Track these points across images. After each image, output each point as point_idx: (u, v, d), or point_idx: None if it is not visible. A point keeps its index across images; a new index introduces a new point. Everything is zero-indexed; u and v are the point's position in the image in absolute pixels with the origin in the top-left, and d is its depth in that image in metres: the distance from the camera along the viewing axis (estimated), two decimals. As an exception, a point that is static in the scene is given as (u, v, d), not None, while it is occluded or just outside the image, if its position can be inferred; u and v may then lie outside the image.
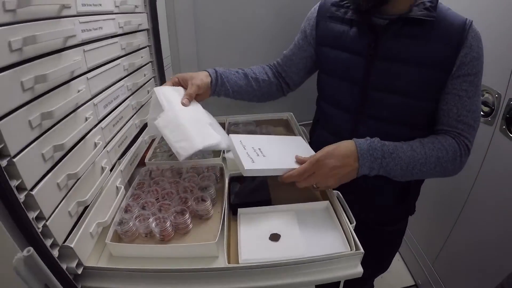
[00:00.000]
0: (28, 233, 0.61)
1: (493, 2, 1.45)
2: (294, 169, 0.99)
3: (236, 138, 1.11)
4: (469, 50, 0.96)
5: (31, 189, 0.64)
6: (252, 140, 1.13)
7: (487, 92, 1.51)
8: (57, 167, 0.72)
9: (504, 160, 1.44)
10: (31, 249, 0.58)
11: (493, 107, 1.48)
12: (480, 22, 1.40)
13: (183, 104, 1.09)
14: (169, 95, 1.08)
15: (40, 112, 0.67)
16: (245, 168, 0.95)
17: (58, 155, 0.73)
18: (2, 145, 0.58)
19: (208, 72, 1.23)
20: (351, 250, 0.84)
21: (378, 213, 1.25)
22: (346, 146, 0.99)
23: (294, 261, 0.79)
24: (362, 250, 0.82)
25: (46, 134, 0.70)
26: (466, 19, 0.98)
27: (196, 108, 1.15)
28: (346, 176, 0.98)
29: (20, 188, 0.62)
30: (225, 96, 1.29)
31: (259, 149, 1.08)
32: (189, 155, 0.94)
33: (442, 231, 1.89)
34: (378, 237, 1.27)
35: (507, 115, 1.40)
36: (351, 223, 0.90)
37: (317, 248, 0.85)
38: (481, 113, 1.51)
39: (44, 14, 0.71)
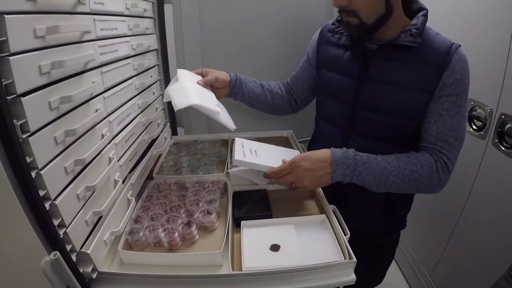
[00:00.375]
0: (53, 239, 0.68)
1: (483, 21, 1.52)
2: None
3: (239, 140, 1.28)
4: (452, 72, 1.03)
5: (55, 199, 0.70)
6: (252, 144, 1.28)
7: (479, 107, 1.57)
8: (77, 179, 0.79)
9: (497, 172, 1.49)
10: (58, 253, 0.65)
11: (485, 122, 1.54)
12: (471, 41, 1.49)
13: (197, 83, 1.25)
14: (188, 75, 1.24)
15: (64, 129, 0.74)
16: (235, 158, 1.12)
17: (78, 168, 0.80)
18: (31, 159, 0.64)
19: (229, 74, 1.39)
20: (344, 259, 0.89)
21: (370, 225, 1.31)
22: (321, 152, 1.10)
23: (292, 269, 0.85)
24: (354, 259, 0.88)
25: (68, 149, 0.76)
26: (453, 43, 1.05)
27: (209, 92, 1.27)
28: (320, 179, 1.08)
29: (45, 198, 0.68)
30: (240, 100, 1.41)
31: (255, 150, 1.22)
32: (184, 106, 1.05)
33: (439, 242, 1.93)
34: (371, 249, 1.32)
35: (499, 129, 1.46)
36: (345, 235, 0.96)
37: (314, 257, 0.91)
38: (474, 127, 1.58)
39: (68, 40, 0.78)
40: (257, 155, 1.20)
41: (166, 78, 1.65)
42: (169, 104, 1.68)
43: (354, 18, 1.06)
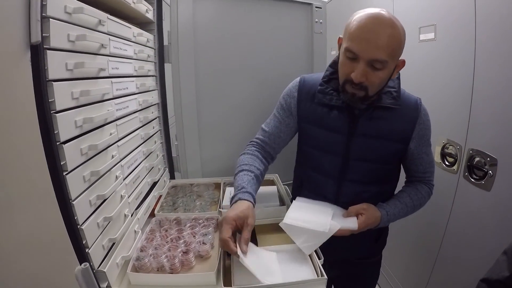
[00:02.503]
0: (82, 255, 0.86)
1: (449, 70, 1.76)
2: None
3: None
4: (423, 125, 1.32)
5: (81, 224, 0.88)
6: None
7: (450, 145, 1.77)
8: (97, 210, 0.97)
9: (470, 202, 1.67)
10: (87, 264, 0.83)
11: (456, 158, 1.74)
12: (440, 88, 1.75)
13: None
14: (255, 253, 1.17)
15: (90, 170, 0.94)
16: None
17: (99, 202, 0.98)
18: (68, 191, 0.83)
19: (250, 202, 1.23)
20: (317, 277, 1.07)
21: (362, 251, 1.54)
22: (377, 213, 1.33)
23: (275, 285, 1.02)
24: (326, 276, 1.05)
25: (92, 186, 0.95)
26: (417, 98, 1.33)
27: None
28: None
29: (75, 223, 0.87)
30: None
31: None
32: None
33: (424, 271, 2.06)
34: (362, 270, 1.59)
35: (468, 163, 1.66)
36: (319, 259, 1.14)
37: (293, 276, 1.07)
38: (447, 163, 1.80)
39: (94, 100, 0.99)
40: None
41: (166, 129, 1.86)
42: (168, 151, 1.89)
43: (362, 92, 1.20)
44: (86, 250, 0.89)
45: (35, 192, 0.75)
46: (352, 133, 1.32)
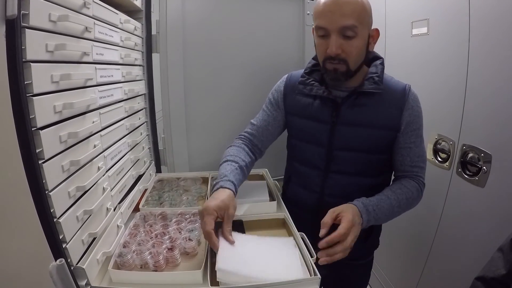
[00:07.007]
0: (58, 250, 0.80)
1: (443, 65, 1.72)
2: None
3: None
4: (411, 111, 1.26)
5: (59, 218, 0.82)
6: None
7: (443, 141, 1.74)
8: (77, 203, 0.91)
9: (463, 199, 1.64)
10: (63, 260, 0.77)
11: (449, 153, 1.70)
12: (434, 84, 1.71)
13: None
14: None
15: (70, 159, 0.88)
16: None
17: (79, 194, 0.92)
18: (44, 181, 0.77)
19: (231, 190, 1.22)
20: (310, 276, 1.01)
21: (353, 252, 1.44)
22: (353, 210, 1.18)
23: (266, 285, 0.95)
24: (319, 275, 1.00)
25: (72, 177, 0.89)
26: (406, 85, 1.29)
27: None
28: (358, 232, 1.17)
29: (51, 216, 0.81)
30: None
31: None
32: None
33: (415, 271, 2.03)
34: (353, 271, 1.51)
35: (462, 159, 1.62)
36: (312, 257, 1.09)
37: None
38: (439, 159, 1.76)
39: (76, 85, 0.93)
40: None
41: (152, 121, 1.79)
42: (154, 143, 1.83)
43: (343, 65, 1.21)
44: (64, 245, 0.83)
45: (5, 180, 0.69)
46: (334, 122, 1.31)
